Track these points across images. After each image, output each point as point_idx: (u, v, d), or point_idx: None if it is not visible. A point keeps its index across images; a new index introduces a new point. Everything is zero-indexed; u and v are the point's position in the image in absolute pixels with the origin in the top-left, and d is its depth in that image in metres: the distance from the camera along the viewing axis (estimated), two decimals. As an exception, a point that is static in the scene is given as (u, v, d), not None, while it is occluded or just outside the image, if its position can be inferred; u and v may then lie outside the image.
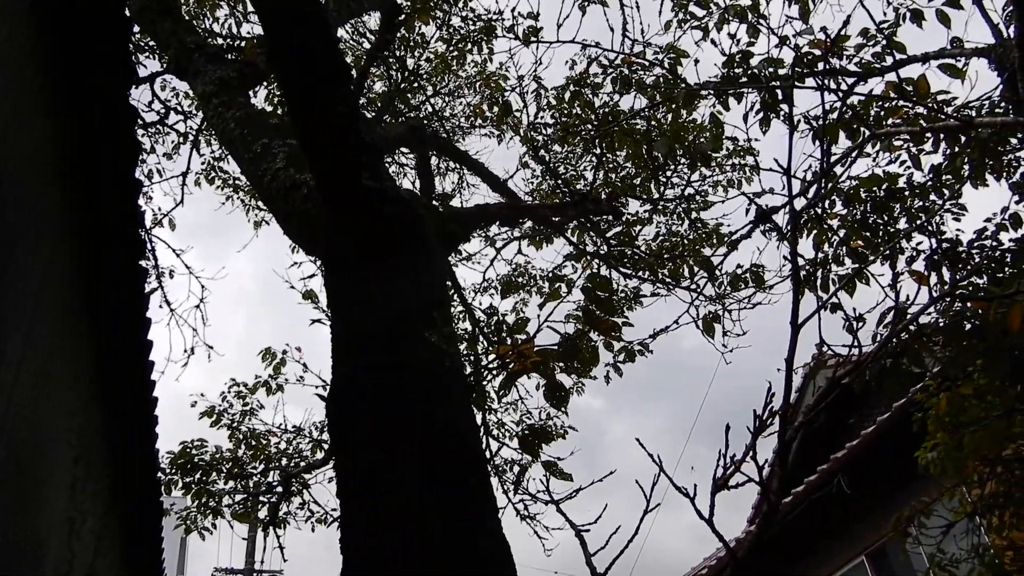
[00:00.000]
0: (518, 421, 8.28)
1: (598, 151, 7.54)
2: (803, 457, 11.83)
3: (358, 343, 3.06)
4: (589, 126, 7.28)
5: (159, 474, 5.74)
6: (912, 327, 3.73)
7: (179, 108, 8.48)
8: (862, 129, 5.47)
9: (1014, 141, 5.21)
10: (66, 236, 3.48)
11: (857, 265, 5.35)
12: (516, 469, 7.54)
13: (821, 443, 11.89)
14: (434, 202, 6.77)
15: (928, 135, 5.35)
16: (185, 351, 8.71)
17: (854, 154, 4.86)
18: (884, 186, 5.73)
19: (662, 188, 7.80)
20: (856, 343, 2.56)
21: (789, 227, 2.75)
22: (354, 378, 2.96)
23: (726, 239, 7.29)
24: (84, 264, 3.74)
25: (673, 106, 6.34)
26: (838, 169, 5.24)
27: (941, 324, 4.77)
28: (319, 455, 8.16)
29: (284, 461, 8.21)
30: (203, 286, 8.80)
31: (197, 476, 7.86)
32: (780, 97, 4.90)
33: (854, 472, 10.66)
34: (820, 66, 4.92)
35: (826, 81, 5.20)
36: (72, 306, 3.72)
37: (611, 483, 4.09)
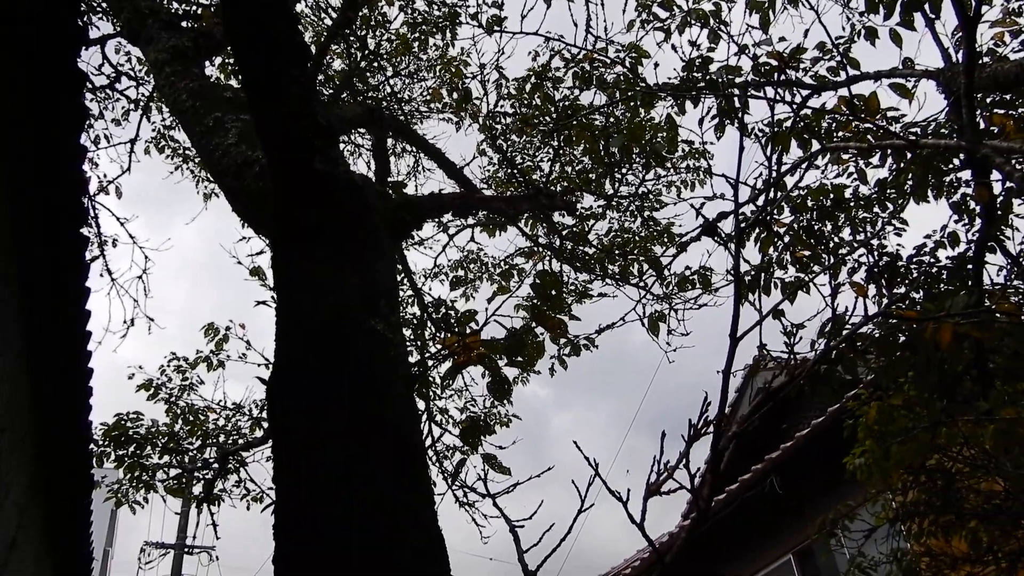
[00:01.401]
0: (462, 408, 8.32)
1: (556, 144, 7.57)
2: (738, 456, 12.08)
3: (302, 327, 3.04)
4: (548, 118, 7.30)
5: (90, 446, 5.64)
6: (850, 338, 3.84)
7: (131, 73, 8.28)
8: (812, 141, 5.59)
9: (956, 162, 5.37)
10: (2, 199, 3.38)
11: (800, 274, 5.47)
12: (457, 458, 7.57)
13: (756, 444, 12.16)
14: (388, 188, 6.72)
15: (875, 151, 5.48)
16: (125, 322, 8.53)
17: (804, 165, 4.96)
18: (831, 197, 5.86)
19: (616, 185, 7.88)
20: (792, 353, 2.62)
21: (734, 238, 2.80)
22: (296, 361, 2.94)
23: (676, 240, 7.39)
24: (20, 230, 3.64)
25: (631, 104, 6.39)
26: (788, 179, 5.35)
27: (876, 335, 4.91)
28: (258, 433, 8.09)
29: (222, 438, 8.12)
30: (147, 257, 8.65)
31: (131, 449, 7.73)
32: (736, 105, 4.97)
33: (785, 473, 10.93)
34: (776, 76, 5.01)
35: (781, 92, 5.31)
36: (4, 272, 3.63)
37: (551, 473, 4.13)
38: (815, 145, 5.65)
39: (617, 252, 7.70)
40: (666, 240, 8.23)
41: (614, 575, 14.50)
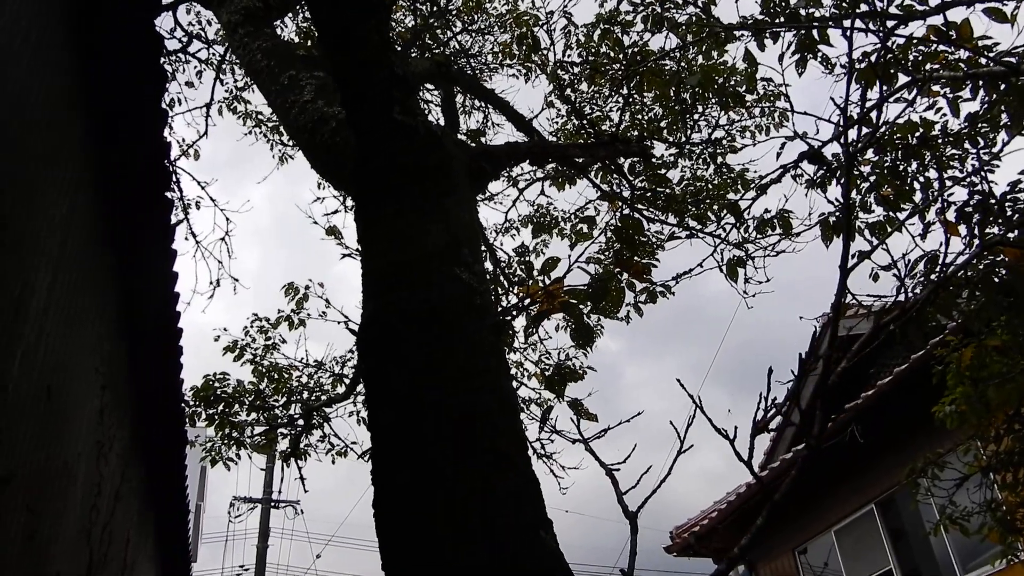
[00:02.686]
0: (536, 361, 8.34)
1: (625, 92, 7.41)
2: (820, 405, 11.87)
3: (389, 278, 3.06)
4: (617, 66, 7.15)
5: (183, 403, 5.85)
6: (947, 277, 3.69)
7: (202, 35, 8.38)
8: (899, 75, 5.33)
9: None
10: (91, 166, 3.47)
11: (888, 213, 5.27)
12: (537, 409, 7.60)
13: (835, 392, 11.92)
14: (464, 139, 6.70)
15: (967, 81, 5.21)
16: (210, 283, 8.76)
17: (891, 99, 4.74)
18: (918, 133, 5.61)
19: (688, 131, 7.69)
20: (903, 287, 2.53)
21: (843, 164, 2.69)
22: (385, 313, 2.96)
23: (754, 184, 7.19)
24: (109, 194, 3.74)
25: (705, 47, 6.19)
26: (873, 115, 5.12)
27: (971, 275, 4.71)
28: (340, 389, 8.27)
29: (305, 395, 8.33)
30: (228, 219, 8.82)
31: (220, 408, 8.00)
32: (818, 38, 4.77)
33: (866, 422, 10.69)
34: (861, 7, 4.78)
35: (865, 23, 5.06)
36: (98, 236, 3.74)
37: (624, 425, 4.10)
38: (901, 79, 5.40)
39: (690, 200, 7.54)
40: (739, 187, 8.03)
41: (694, 524, 14.52)
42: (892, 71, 5.32)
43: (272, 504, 21.48)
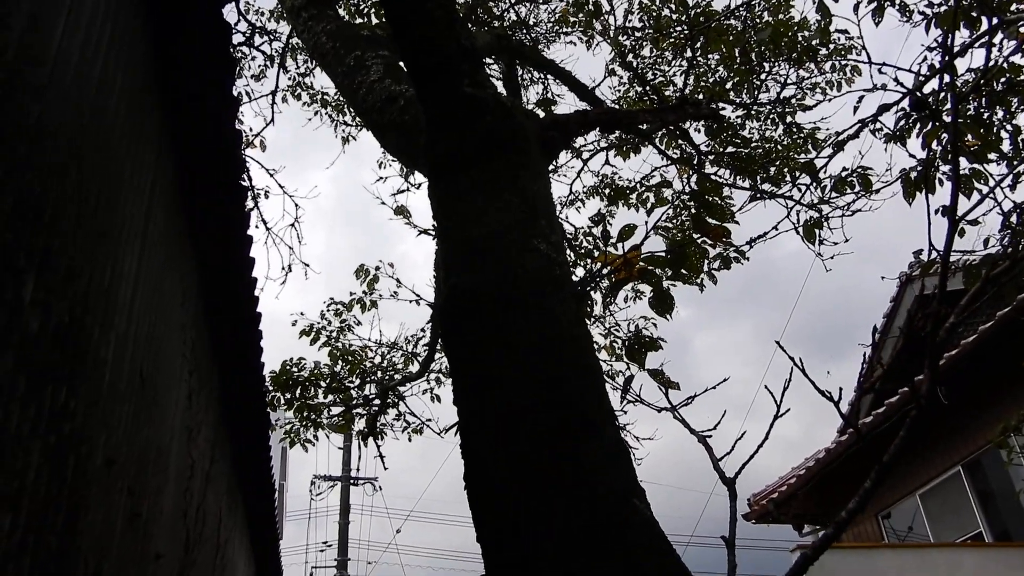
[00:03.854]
0: (606, 333, 8.27)
1: (689, 55, 7.24)
2: (900, 367, 11.57)
3: (467, 253, 3.05)
4: (681, 28, 6.98)
5: (265, 385, 5.99)
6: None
7: (265, 28, 8.48)
8: (982, 18, 5.08)
9: None
10: (169, 156, 3.53)
11: (974, 165, 5.04)
12: (614, 380, 7.55)
13: (920, 350, 11.58)
14: (535, 108, 6.64)
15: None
16: (283, 268, 8.92)
17: (976, 44, 4.52)
18: (1004, 79, 5.34)
19: (756, 92, 7.48)
20: (1016, 239, 2.40)
21: (950, 111, 2.56)
22: (465, 288, 2.95)
23: (827, 142, 6.97)
24: (187, 183, 3.81)
25: (773, 2, 6.00)
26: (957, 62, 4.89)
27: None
28: (413, 368, 8.36)
29: (380, 375, 8.44)
30: (297, 205, 8.96)
31: (297, 392, 8.16)
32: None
33: (951, 382, 10.37)
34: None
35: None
36: (179, 224, 3.81)
37: (702, 394, 4.02)
38: (984, 24, 5.14)
39: (763, 162, 7.34)
40: (810, 147, 7.78)
41: (773, 491, 14.35)
42: (975, 14, 5.07)
43: (351, 481, 21.98)
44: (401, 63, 4.44)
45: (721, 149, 6.76)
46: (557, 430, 2.51)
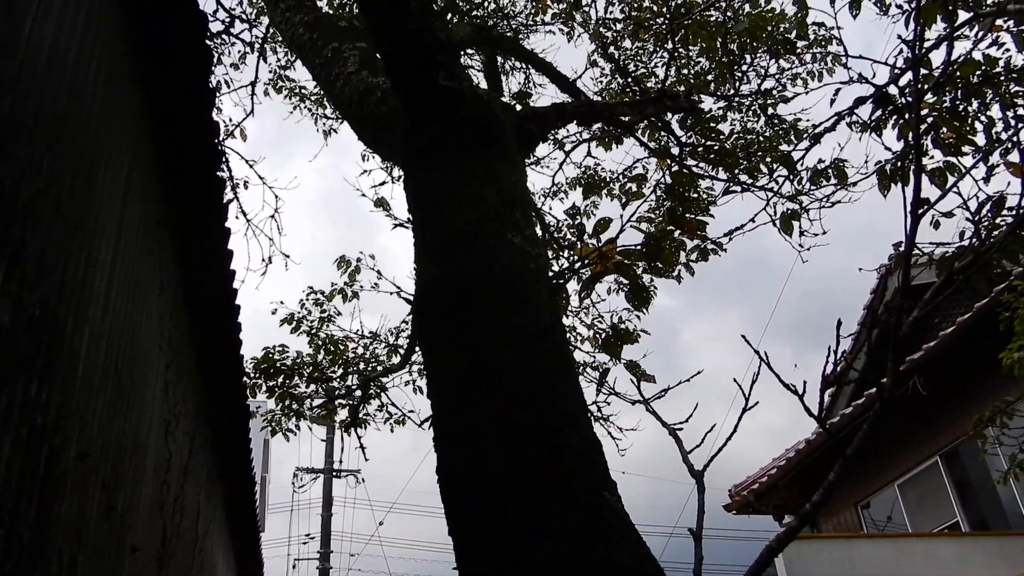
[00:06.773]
0: (589, 325, 8.30)
1: (670, 46, 7.25)
2: (878, 358, 11.67)
3: (442, 245, 3.06)
4: (661, 20, 6.99)
5: (244, 377, 5.98)
6: (1019, 222, 3.54)
7: (243, 16, 8.41)
8: (959, 12, 5.11)
9: None
10: (146, 146, 3.52)
11: (948, 158, 5.08)
12: (592, 372, 7.59)
13: (906, 344, 11.69)
14: (511, 102, 6.63)
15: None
16: (263, 260, 8.88)
17: (954, 36, 4.54)
18: (979, 71, 5.38)
19: (737, 83, 7.50)
20: (977, 232, 2.43)
21: (912, 104, 2.59)
22: (440, 280, 2.96)
23: (806, 134, 7.00)
24: (164, 174, 3.80)
25: (752, -5, 6.01)
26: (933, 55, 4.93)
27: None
28: (395, 360, 8.35)
29: (362, 365, 8.43)
30: (277, 196, 8.89)
31: (280, 380, 8.14)
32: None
33: (929, 374, 10.48)
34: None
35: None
36: (155, 215, 3.80)
37: (680, 386, 4.06)
38: (962, 17, 5.18)
39: (741, 154, 7.37)
40: (792, 138, 7.82)
41: (753, 481, 14.45)
42: (951, 7, 5.10)
43: (334, 473, 21.97)
44: (378, 55, 4.44)
45: (700, 141, 6.79)
46: (533, 422, 2.52)
